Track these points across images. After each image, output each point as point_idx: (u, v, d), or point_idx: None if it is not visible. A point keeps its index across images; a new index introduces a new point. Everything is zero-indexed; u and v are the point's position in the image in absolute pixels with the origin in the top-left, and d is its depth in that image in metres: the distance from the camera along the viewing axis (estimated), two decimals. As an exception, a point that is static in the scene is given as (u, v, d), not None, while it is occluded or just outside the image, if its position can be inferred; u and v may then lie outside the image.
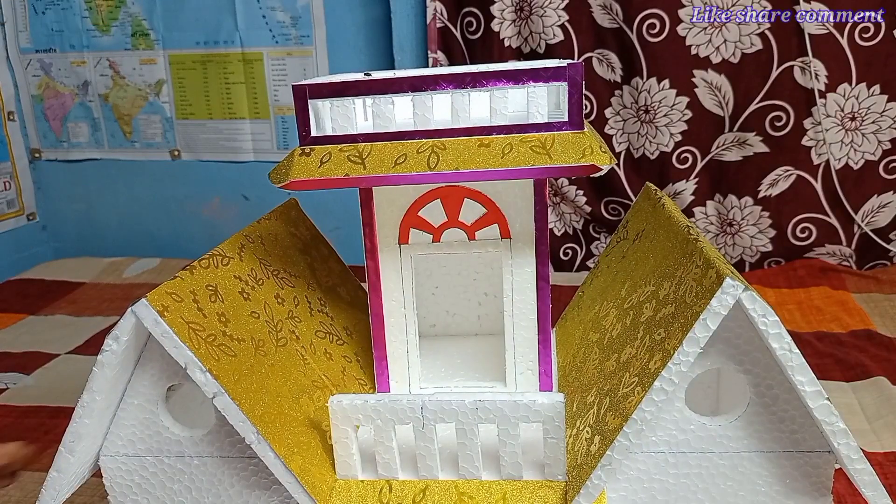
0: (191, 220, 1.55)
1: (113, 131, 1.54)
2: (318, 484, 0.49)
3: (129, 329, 0.46)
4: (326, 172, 0.49)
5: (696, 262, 0.47)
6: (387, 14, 1.34)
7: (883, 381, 0.85)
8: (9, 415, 0.90)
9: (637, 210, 0.67)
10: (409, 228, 0.55)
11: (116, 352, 0.47)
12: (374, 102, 0.49)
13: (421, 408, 0.49)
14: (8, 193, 1.52)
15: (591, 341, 0.59)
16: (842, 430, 0.44)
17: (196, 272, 0.51)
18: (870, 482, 0.45)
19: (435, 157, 0.48)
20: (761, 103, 1.20)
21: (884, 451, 0.73)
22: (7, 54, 1.51)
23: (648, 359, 0.47)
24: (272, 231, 0.63)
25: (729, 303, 0.42)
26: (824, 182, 1.23)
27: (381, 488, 0.51)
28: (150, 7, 1.45)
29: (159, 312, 0.46)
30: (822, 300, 1.11)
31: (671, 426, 0.48)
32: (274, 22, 1.41)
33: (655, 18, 1.18)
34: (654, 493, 0.49)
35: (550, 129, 0.48)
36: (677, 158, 1.26)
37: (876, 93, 1.17)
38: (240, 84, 1.46)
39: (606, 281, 0.65)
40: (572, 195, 1.33)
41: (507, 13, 1.26)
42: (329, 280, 0.67)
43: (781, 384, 0.46)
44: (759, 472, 0.48)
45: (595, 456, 0.47)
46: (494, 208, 0.54)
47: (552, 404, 0.48)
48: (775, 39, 1.17)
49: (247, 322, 0.52)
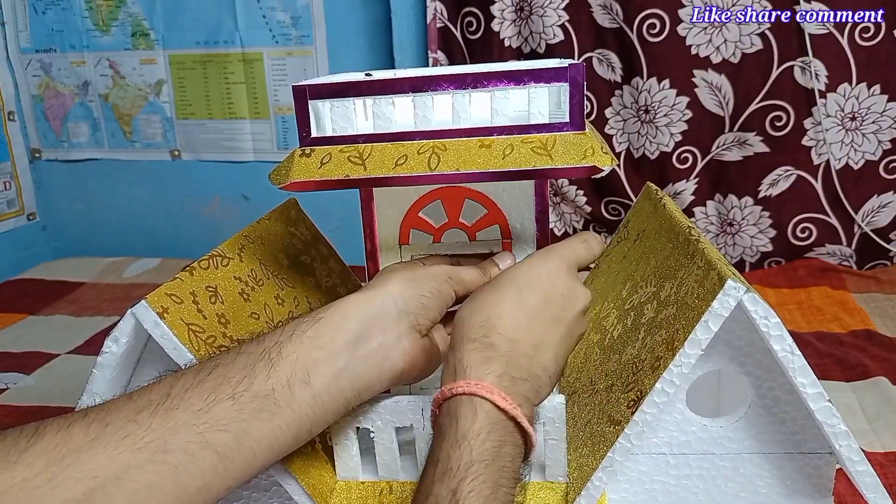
0: (191, 220, 1.55)
1: (113, 131, 1.53)
2: (318, 485, 0.49)
3: (128, 331, 0.46)
4: (327, 173, 0.49)
5: (697, 263, 0.47)
6: (387, 14, 1.34)
7: (883, 381, 0.85)
8: (9, 415, 0.90)
9: (638, 210, 0.67)
10: (409, 229, 0.55)
11: (116, 353, 0.47)
12: (375, 103, 0.49)
13: (422, 408, 0.49)
14: (8, 193, 1.52)
15: (592, 342, 0.59)
16: (843, 431, 0.44)
17: (196, 273, 0.51)
18: (871, 484, 0.45)
19: (436, 157, 0.48)
20: (761, 103, 1.20)
21: (884, 451, 0.73)
22: (7, 54, 1.51)
23: (650, 360, 0.46)
24: (272, 231, 0.63)
25: (731, 304, 0.42)
26: (824, 182, 1.23)
27: (382, 489, 0.51)
28: (150, 7, 1.44)
29: (159, 314, 0.45)
30: (823, 300, 1.11)
31: (672, 427, 0.48)
32: (274, 22, 1.41)
33: (655, 18, 1.18)
34: (656, 495, 0.49)
35: (551, 130, 0.48)
36: (677, 158, 1.26)
37: (876, 93, 1.17)
38: (240, 84, 1.46)
39: (607, 281, 0.65)
40: (572, 195, 1.33)
41: (508, 13, 1.26)
42: (329, 280, 0.67)
43: (783, 386, 0.46)
44: (760, 473, 0.48)
45: (596, 457, 0.47)
46: (495, 209, 0.54)
47: (553, 405, 0.48)
48: (775, 39, 1.17)
49: (247, 323, 0.52)
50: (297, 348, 0.43)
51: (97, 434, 0.37)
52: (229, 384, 0.40)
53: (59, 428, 0.37)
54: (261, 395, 0.41)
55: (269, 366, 0.42)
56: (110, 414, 0.38)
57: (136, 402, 0.39)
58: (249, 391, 0.41)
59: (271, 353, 0.42)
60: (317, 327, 0.44)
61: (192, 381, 0.40)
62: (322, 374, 0.43)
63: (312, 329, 0.44)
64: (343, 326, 0.44)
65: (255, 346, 0.43)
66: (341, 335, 0.44)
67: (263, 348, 0.42)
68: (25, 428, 0.37)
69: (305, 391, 0.42)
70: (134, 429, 0.38)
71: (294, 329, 0.44)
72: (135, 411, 0.38)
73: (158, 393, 0.40)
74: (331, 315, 0.45)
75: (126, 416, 0.38)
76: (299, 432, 0.43)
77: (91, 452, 0.36)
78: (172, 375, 0.41)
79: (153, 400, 0.39)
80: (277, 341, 0.43)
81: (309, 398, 0.42)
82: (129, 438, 0.37)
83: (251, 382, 0.41)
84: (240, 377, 0.41)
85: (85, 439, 0.37)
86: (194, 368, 0.42)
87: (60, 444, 0.36)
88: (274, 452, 0.42)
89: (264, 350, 0.42)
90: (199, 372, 0.41)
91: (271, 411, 0.41)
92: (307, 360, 0.43)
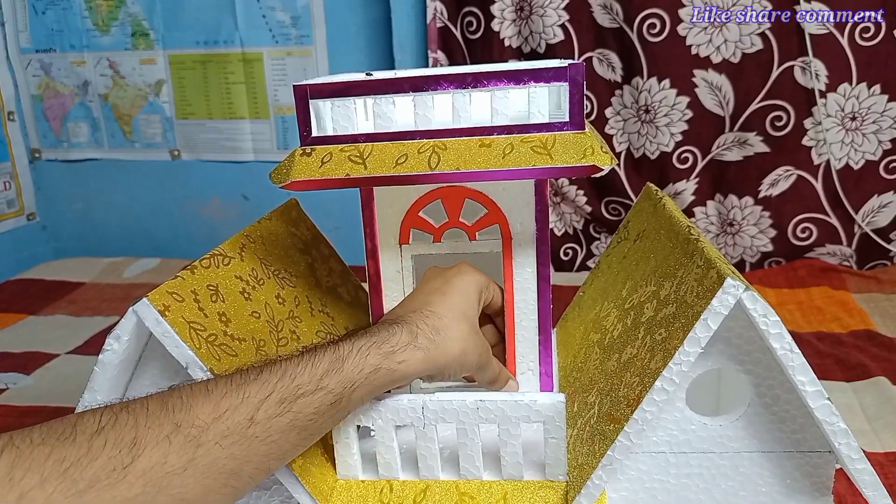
0: (191, 220, 1.55)
1: (113, 131, 1.53)
2: (318, 484, 0.50)
3: (130, 329, 0.46)
4: (327, 172, 0.49)
5: (697, 262, 0.47)
6: (387, 14, 1.34)
7: (883, 381, 0.85)
8: (9, 415, 0.90)
9: (638, 210, 0.67)
10: (409, 228, 0.55)
11: (117, 351, 0.47)
12: (375, 102, 0.49)
13: (422, 408, 0.49)
14: (8, 193, 1.52)
15: (592, 341, 0.59)
16: (842, 430, 0.44)
17: (197, 272, 0.51)
18: (870, 482, 0.45)
19: (436, 157, 0.48)
20: (762, 103, 1.20)
21: (884, 451, 0.73)
22: (7, 54, 1.51)
23: (649, 359, 0.47)
24: (273, 231, 0.63)
25: (730, 303, 0.42)
26: (825, 182, 1.23)
27: (382, 488, 0.51)
28: (150, 7, 1.44)
29: (160, 312, 0.46)
30: (823, 300, 1.11)
31: (672, 426, 0.48)
32: (274, 22, 1.41)
33: (656, 18, 1.18)
34: (655, 493, 0.49)
35: (551, 130, 0.48)
36: (678, 158, 1.26)
37: (876, 93, 1.17)
38: (240, 84, 1.46)
39: (607, 281, 0.65)
40: (572, 195, 1.33)
41: (508, 13, 1.26)
42: (330, 280, 0.67)
43: (782, 384, 0.46)
44: (759, 472, 0.48)
45: (596, 456, 0.47)
46: (495, 208, 0.54)
47: (553, 404, 0.48)
48: (776, 39, 1.17)
49: (248, 322, 0.52)
50: (361, 393, 0.45)
51: (190, 458, 0.38)
52: (304, 420, 0.43)
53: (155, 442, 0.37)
54: (320, 432, 0.45)
55: (338, 408, 0.45)
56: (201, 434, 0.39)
57: (225, 422, 0.40)
58: (314, 426, 0.44)
59: (344, 395, 0.44)
60: (387, 378, 0.46)
61: (275, 410, 0.42)
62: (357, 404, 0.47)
63: (381, 379, 0.46)
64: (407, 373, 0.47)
65: (335, 383, 0.44)
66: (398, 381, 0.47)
67: (342, 388, 0.44)
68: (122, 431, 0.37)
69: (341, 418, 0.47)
70: (220, 456, 0.39)
71: (369, 374, 0.45)
72: (221, 435, 0.39)
73: (244, 415, 0.40)
74: (401, 373, 0.47)
75: (215, 439, 0.39)
76: None
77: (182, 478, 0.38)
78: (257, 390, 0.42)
79: (238, 424, 0.40)
80: (352, 382, 0.44)
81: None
82: (215, 465, 0.39)
83: (321, 424, 0.44)
84: (315, 416, 0.43)
85: (179, 462, 0.38)
86: (278, 393, 0.42)
87: (158, 465, 0.37)
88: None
89: (342, 391, 0.44)
90: (282, 402, 0.42)
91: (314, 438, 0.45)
92: (360, 400, 0.46)
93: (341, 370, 0.44)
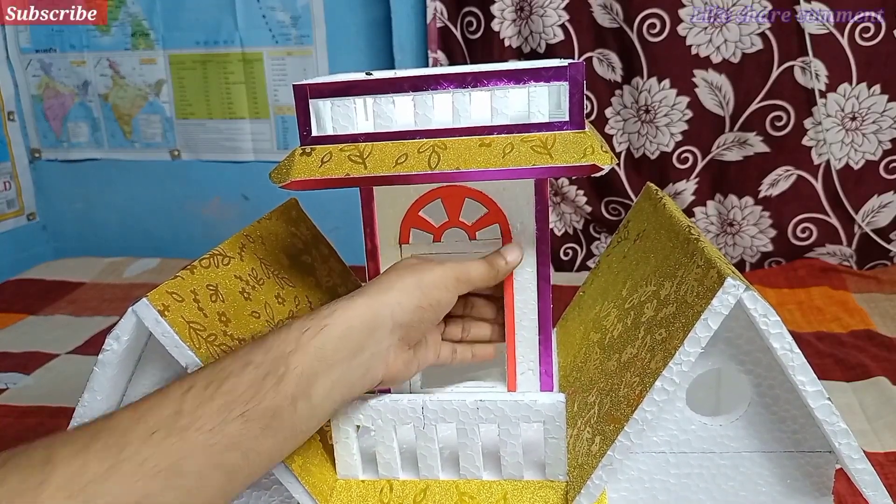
0: (191, 220, 1.55)
1: (113, 131, 1.53)
2: (318, 484, 0.49)
3: (129, 328, 0.46)
4: (327, 172, 0.49)
5: (697, 262, 0.47)
6: (387, 14, 1.34)
7: (883, 381, 0.85)
8: (9, 415, 0.90)
9: (638, 210, 0.67)
10: (409, 228, 0.55)
11: (117, 351, 0.47)
12: (375, 102, 0.49)
13: (422, 408, 0.49)
14: (8, 193, 1.52)
15: (592, 341, 0.59)
16: (843, 430, 0.44)
17: (197, 272, 0.51)
18: (871, 482, 0.45)
19: (436, 156, 0.48)
20: (762, 103, 1.20)
21: (884, 451, 0.73)
22: (7, 54, 1.51)
23: (650, 359, 0.47)
24: (272, 231, 0.63)
25: (730, 302, 0.42)
26: (825, 182, 1.23)
27: (382, 488, 0.51)
28: (150, 7, 1.45)
29: (160, 312, 0.45)
30: (823, 300, 1.11)
31: (672, 426, 0.48)
32: (274, 22, 1.41)
33: (656, 18, 1.18)
34: (656, 494, 0.49)
35: (551, 129, 0.48)
36: (678, 158, 1.26)
37: (876, 93, 1.17)
38: (240, 84, 1.46)
39: (607, 281, 0.65)
40: (572, 195, 1.33)
41: (508, 13, 1.26)
42: (330, 280, 0.67)
43: (782, 384, 0.46)
44: (760, 472, 0.48)
45: (596, 456, 0.47)
46: (495, 208, 0.54)
47: (553, 404, 0.48)
48: (776, 39, 1.17)
49: (248, 322, 0.52)
50: (301, 360, 0.43)
51: (112, 463, 0.36)
52: (240, 401, 0.41)
53: (71, 455, 0.36)
54: (268, 414, 0.41)
55: (276, 381, 0.42)
56: (123, 437, 0.37)
57: (148, 421, 0.38)
58: (258, 409, 0.41)
59: (279, 366, 0.42)
60: (322, 337, 0.44)
61: (202, 396, 0.40)
62: (321, 386, 0.44)
63: (318, 339, 0.44)
64: (346, 336, 0.45)
65: (262, 356, 0.43)
66: (343, 347, 0.45)
67: (272, 358, 0.43)
68: (33, 454, 0.36)
69: (306, 405, 0.43)
70: (149, 454, 0.37)
71: (300, 336, 0.44)
72: (147, 432, 0.38)
73: (169, 409, 0.39)
74: (335, 323, 0.45)
75: (140, 438, 0.38)
76: (297, 443, 0.44)
77: (108, 484, 0.36)
78: (179, 386, 0.41)
79: (165, 418, 0.39)
80: (283, 352, 0.43)
81: (308, 411, 0.43)
82: (146, 465, 0.37)
83: (260, 400, 0.41)
84: (250, 393, 0.41)
85: (100, 468, 0.36)
86: (202, 380, 0.41)
87: (76, 475, 0.35)
88: (273, 464, 0.44)
89: (273, 361, 0.43)
90: (208, 385, 0.41)
91: (275, 428, 0.42)
92: (310, 374, 0.43)
93: (263, 341, 0.44)
